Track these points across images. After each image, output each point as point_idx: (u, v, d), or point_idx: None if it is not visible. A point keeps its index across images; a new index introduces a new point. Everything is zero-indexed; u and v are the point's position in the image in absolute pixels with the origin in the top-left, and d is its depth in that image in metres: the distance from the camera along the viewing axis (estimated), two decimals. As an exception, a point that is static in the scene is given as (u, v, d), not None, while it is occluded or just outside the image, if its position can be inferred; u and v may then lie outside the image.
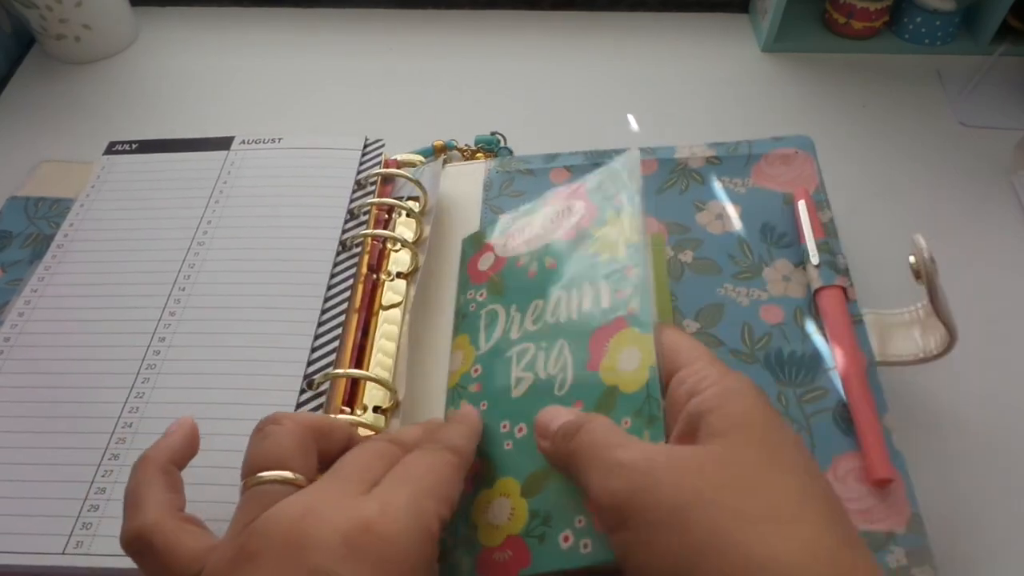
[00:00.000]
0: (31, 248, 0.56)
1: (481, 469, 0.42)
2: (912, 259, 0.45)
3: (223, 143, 0.59)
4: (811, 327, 0.48)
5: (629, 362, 0.40)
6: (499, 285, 0.48)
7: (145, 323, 0.49)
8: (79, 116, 0.70)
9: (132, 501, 0.35)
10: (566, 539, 0.37)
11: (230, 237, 0.53)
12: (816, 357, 0.47)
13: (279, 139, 0.59)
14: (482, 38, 0.78)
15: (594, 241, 0.46)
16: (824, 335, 0.48)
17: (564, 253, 0.47)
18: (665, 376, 0.38)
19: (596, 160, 0.57)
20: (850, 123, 0.69)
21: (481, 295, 0.49)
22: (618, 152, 0.57)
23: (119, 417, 0.45)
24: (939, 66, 0.74)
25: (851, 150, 0.67)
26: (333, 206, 0.54)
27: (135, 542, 0.34)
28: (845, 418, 0.45)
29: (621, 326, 0.41)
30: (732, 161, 0.57)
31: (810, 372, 0.47)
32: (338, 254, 0.51)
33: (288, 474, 0.35)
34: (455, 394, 0.46)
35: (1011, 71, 0.73)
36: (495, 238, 0.51)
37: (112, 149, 0.60)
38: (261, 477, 0.34)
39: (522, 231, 0.50)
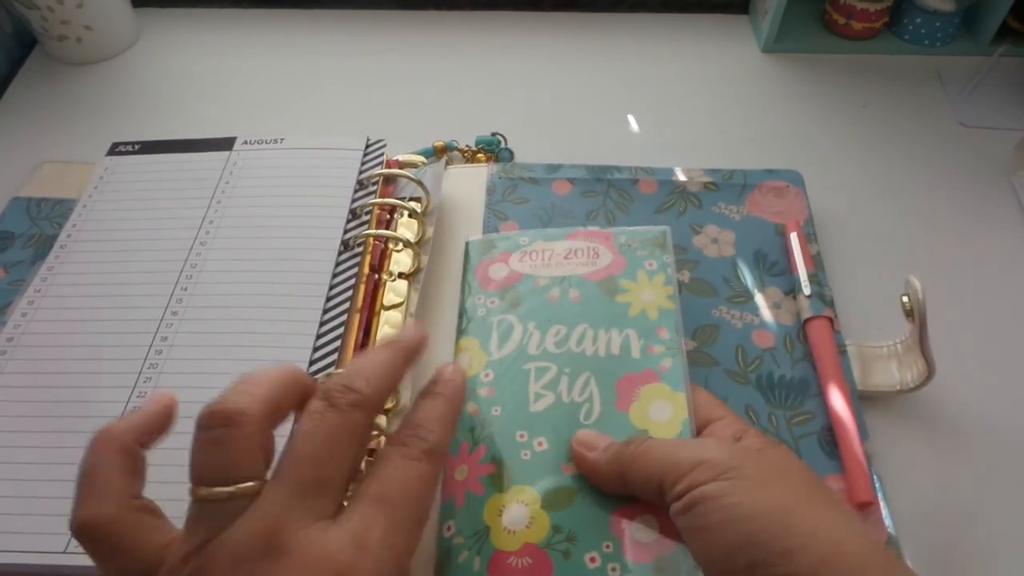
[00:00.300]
0: (33, 249, 0.57)
1: (495, 472, 0.42)
2: (905, 299, 0.47)
3: (225, 143, 0.59)
4: (799, 354, 0.51)
5: (661, 413, 0.43)
6: (515, 298, 0.49)
7: (148, 323, 0.49)
8: (81, 117, 0.70)
9: (88, 484, 0.32)
10: (593, 560, 0.39)
11: (232, 237, 0.53)
12: (804, 382, 0.50)
13: (281, 139, 0.59)
14: (482, 39, 0.78)
15: (623, 292, 0.49)
16: (811, 362, 0.51)
17: (590, 292, 0.49)
18: (697, 425, 0.42)
19: (598, 175, 0.60)
20: (850, 123, 0.69)
21: (492, 303, 0.50)
22: (618, 169, 0.61)
23: (121, 416, 0.45)
24: (939, 67, 0.74)
25: (851, 150, 0.67)
26: (335, 206, 0.54)
27: (90, 532, 0.31)
28: (830, 442, 0.47)
29: (653, 379, 0.45)
30: (728, 188, 0.60)
31: (798, 396, 0.50)
32: (340, 254, 0.52)
33: (248, 486, 0.31)
34: (480, 401, 0.46)
35: (1011, 72, 0.73)
36: (511, 251, 0.52)
37: (115, 150, 0.60)
38: (213, 493, 0.31)
39: (541, 254, 0.51)
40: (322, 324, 0.48)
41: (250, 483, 0.31)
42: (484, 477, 0.42)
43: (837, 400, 0.48)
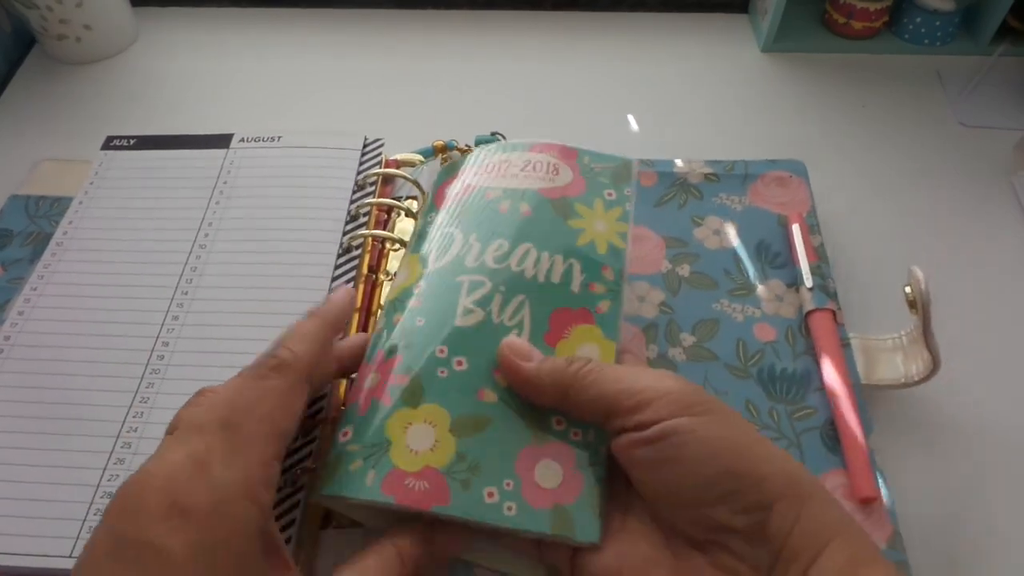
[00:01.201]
0: (32, 247, 0.56)
1: (407, 385, 0.40)
2: (908, 290, 0.46)
3: (222, 140, 0.59)
4: (801, 347, 0.51)
5: (588, 355, 0.41)
6: (463, 211, 0.47)
7: (149, 327, 0.49)
8: (80, 116, 0.70)
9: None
10: (490, 495, 0.37)
11: (232, 240, 0.53)
12: (806, 376, 0.49)
13: (278, 137, 0.58)
14: (482, 38, 0.78)
15: (576, 217, 0.46)
16: (814, 356, 0.50)
17: (542, 209, 0.46)
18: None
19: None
20: (850, 123, 0.69)
21: (440, 218, 0.47)
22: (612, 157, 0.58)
23: (124, 421, 0.45)
24: (939, 66, 0.74)
25: (851, 150, 0.67)
26: (334, 207, 0.54)
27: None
28: (832, 437, 0.47)
29: (587, 319, 0.43)
30: (729, 179, 0.59)
31: (800, 390, 0.49)
32: (339, 256, 0.51)
33: None
34: (391, 307, 0.44)
35: (1011, 71, 0.73)
36: (470, 167, 0.50)
37: (110, 144, 0.60)
38: None
39: (499, 166, 0.49)
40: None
41: None
42: (395, 387, 0.40)
43: (840, 394, 0.47)
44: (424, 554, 0.37)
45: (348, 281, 0.50)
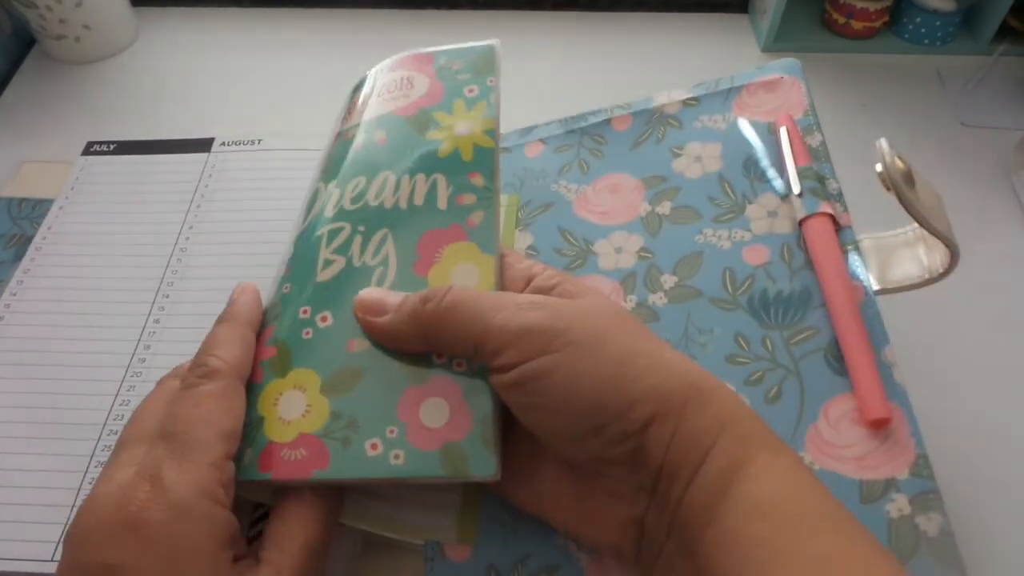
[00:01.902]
0: (14, 249, 0.56)
1: (275, 356, 0.38)
2: (879, 167, 0.41)
3: (203, 145, 0.59)
4: (799, 262, 0.45)
5: (465, 278, 0.38)
6: (328, 161, 0.44)
7: (130, 330, 0.49)
8: (80, 116, 0.70)
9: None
10: (374, 447, 0.35)
11: (212, 243, 0.53)
12: (805, 295, 0.44)
13: (259, 140, 0.58)
14: (481, 38, 0.78)
15: (436, 127, 0.42)
16: (813, 270, 0.44)
17: (398, 130, 0.43)
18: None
19: (571, 127, 0.55)
20: (850, 123, 0.69)
21: (314, 175, 0.45)
22: (593, 114, 0.55)
23: (104, 424, 0.45)
24: (939, 66, 0.73)
25: (851, 150, 0.66)
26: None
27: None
28: (838, 357, 0.41)
29: (459, 237, 0.39)
30: (711, 99, 0.53)
31: (799, 311, 0.43)
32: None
33: None
34: (274, 286, 0.42)
35: (1011, 71, 0.73)
36: (337, 119, 0.47)
37: (90, 150, 0.60)
38: None
39: (364, 101, 0.46)
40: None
41: None
42: (265, 362, 0.38)
43: (841, 305, 0.42)
44: (324, 529, 0.36)
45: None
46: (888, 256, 0.45)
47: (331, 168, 0.43)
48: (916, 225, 0.43)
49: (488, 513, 0.41)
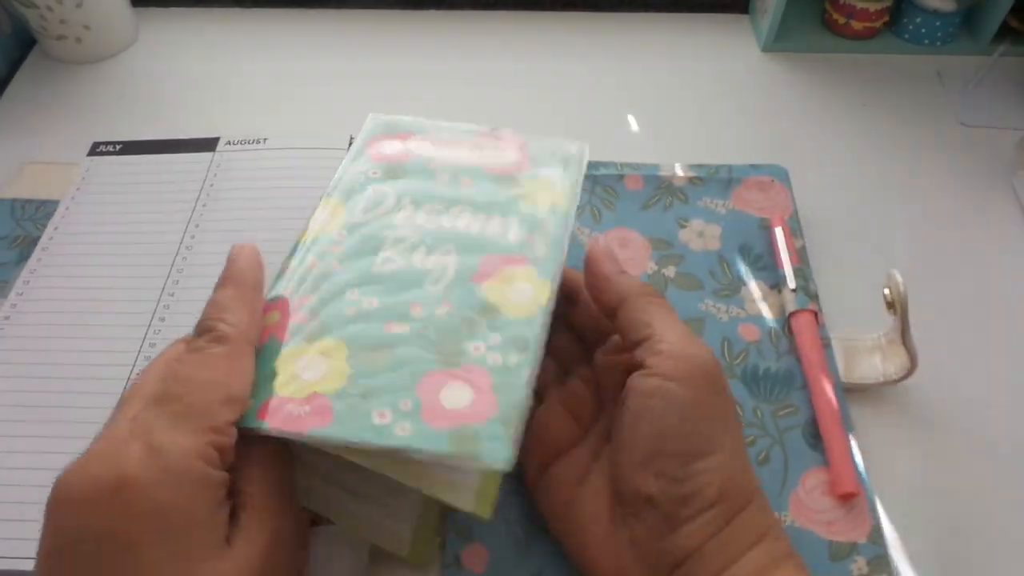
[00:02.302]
0: (18, 250, 0.56)
1: (306, 322, 0.39)
2: (887, 291, 0.47)
3: (208, 144, 0.59)
4: (784, 347, 0.51)
5: (519, 294, 0.40)
6: (400, 173, 0.46)
7: (135, 328, 0.49)
8: (80, 116, 0.70)
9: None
10: (382, 416, 0.35)
11: (218, 241, 0.53)
12: (789, 375, 0.50)
13: (264, 139, 0.58)
14: (482, 38, 0.78)
15: (519, 187, 0.45)
16: (796, 356, 0.51)
17: (483, 181, 0.46)
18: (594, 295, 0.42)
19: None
20: (850, 123, 0.69)
21: (374, 173, 0.46)
22: (604, 165, 0.60)
23: None
24: (939, 66, 0.74)
25: (851, 150, 0.67)
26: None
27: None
28: (814, 434, 0.48)
29: (521, 263, 0.41)
30: (713, 183, 0.60)
31: (783, 389, 0.50)
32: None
33: None
34: (305, 248, 0.43)
35: (1011, 71, 0.73)
36: (412, 133, 0.49)
37: (96, 150, 0.60)
38: None
39: (444, 143, 0.48)
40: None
41: None
42: (294, 326, 0.39)
43: (821, 392, 0.48)
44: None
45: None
46: (851, 357, 0.51)
47: (405, 183, 0.45)
48: (877, 335, 0.51)
49: (504, 527, 0.44)
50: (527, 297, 0.40)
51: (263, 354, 0.38)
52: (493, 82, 0.73)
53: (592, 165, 0.59)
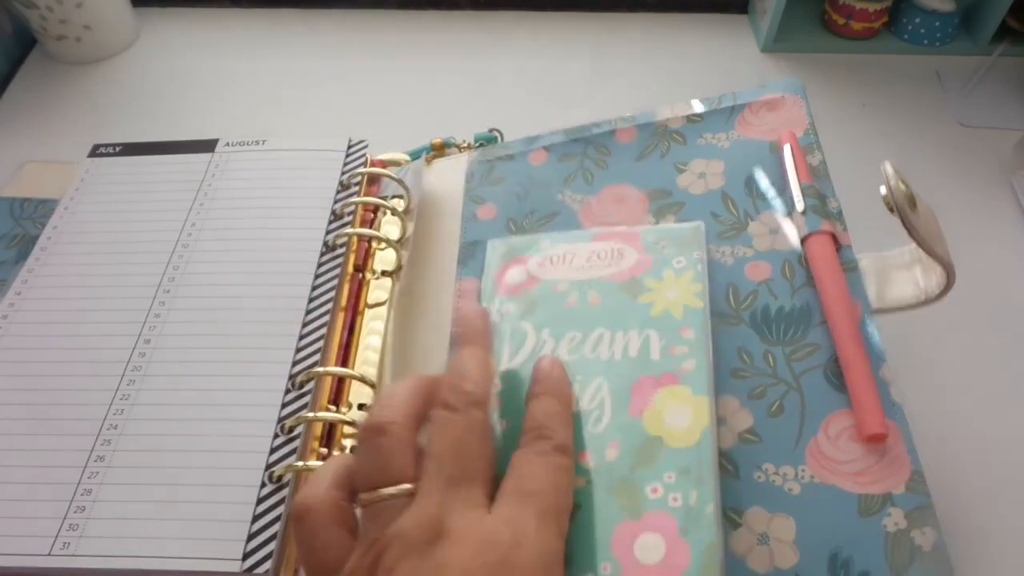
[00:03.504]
0: (17, 249, 0.56)
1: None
2: (883, 190, 0.42)
3: (207, 145, 0.59)
4: (800, 280, 0.45)
5: (678, 419, 0.39)
6: (531, 304, 0.46)
7: (130, 325, 0.49)
8: (80, 116, 0.70)
9: (308, 479, 0.37)
10: None
11: (215, 239, 0.53)
12: (806, 311, 0.44)
13: (263, 141, 0.58)
14: (482, 38, 0.78)
15: (647, 292, 0.45)
16: (814, 287, 0.45)
17: (611, 293, 0.45)
18: None
19: (575, 136, 0.56)
20: (850, 123, 0.69)
21: (507, 309, 0.47)
22: (597, 125, 0.56)
23: (104, 419, 0.45)
24: (938, 66, 0.73)
25: (851, 150, 0.67)
26: (317, 206, 0.54)
27: (298, 513, 0.35)
28: (837, 374, 0.42)
29: (671, 382, 0.40)
30: (714, 116, 0.54)
31: (799, 328, 0.44)
32: (322, 254, 0.51)
33: (405, 487, 0.34)
34: None
35: (1010, 71, 0.72)
36: (530, 255, 0.49)
37: (96, 152, 0.60)
38: (378, 494, 0.34)
39: (563, 258, 0.48)
40: (305, 324, 0.48)
41: (406, 484, 0.34)
42: None
43: (841, 322, 0.42)
44: None
45: (332, 278, 0.50)
46: (886, 276, 0.46)
47: (539, 315, 0.45)
48: (914, 246, 0.44)
49: None
50: (687, 422, 0.39)
51: None
52: (493, 82, 0.73)
53: (584, 128, 0.56)
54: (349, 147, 0.57)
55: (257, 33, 0.79)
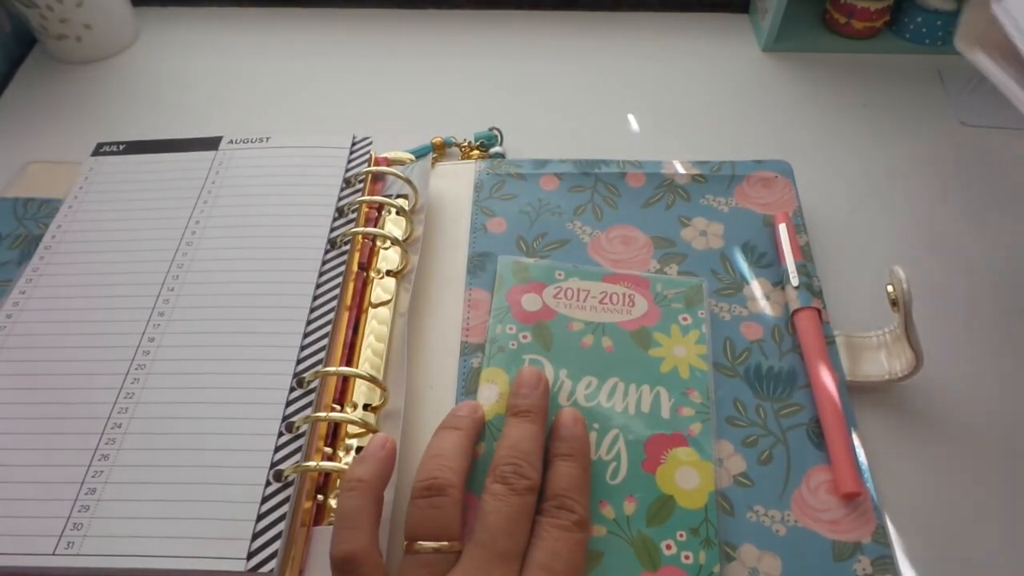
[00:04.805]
0: (20, 249, 0.56)
1: None
2: (890, 288, 0.47)
3: (211, 143, 0.59)
4: (787, 345, 0.51)
5: (688, 481, 0.44)
6: (547, 338, 0.50)
7: (134, 324, 0.49)
8: (80, 116, 0.70)
9: (350, 523, 0.39)
10: None
11: (218, 237, 0.53)
12: (792, 374, 0.50)
13: (267, 138, 0.58)
14: (482, 38, 0.78)
15: (656, 346, 0.49)
16: (799, 354, 0.51)
17: (624, 342, 0.49)
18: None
19: (586, 170, 0.60)
20: (850, 123, 0.69)
21: (525, 337, 0.50)
22: (606, 163, 0.60)
23: (108, 418, 0.45)
24: (940, 66, 0.73)
25: (851, 150, 0.67)
26: (321, 204, 0.54)
27: (349, 563, 0.37)
28: (818, 433, 0.47)
29: (681, 443, 0.45)
30: (716, 180, 0.60)
31: (787, 388, 0.50)
32: (326, 252, 0.51)
33: (453, 544, 0.39)
34: (489, 429, 0.46)
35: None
36: (545, 282, 0.52)
37: (100, 150, 0.60)
38: (425, 545, 0.39)
39: (577, 293, 0.52)
40: (309, 323, 0.48)
41: (454, 541, 0.39)
42: None
43: (824, 390, 0.48)
44: None
45: (336, 277, 0.50)
46: (856, 353, 0.51)
47: (556, 353, 0.49)
48: (882, 332, 0.51)
49: None
50: (695, 485, 0.44)
51: None
52: (492, 82, 0.73)
53: (594, 163, 0.60)
54: (353, 144, 0.57)
55: (257, 32, 0.78)
